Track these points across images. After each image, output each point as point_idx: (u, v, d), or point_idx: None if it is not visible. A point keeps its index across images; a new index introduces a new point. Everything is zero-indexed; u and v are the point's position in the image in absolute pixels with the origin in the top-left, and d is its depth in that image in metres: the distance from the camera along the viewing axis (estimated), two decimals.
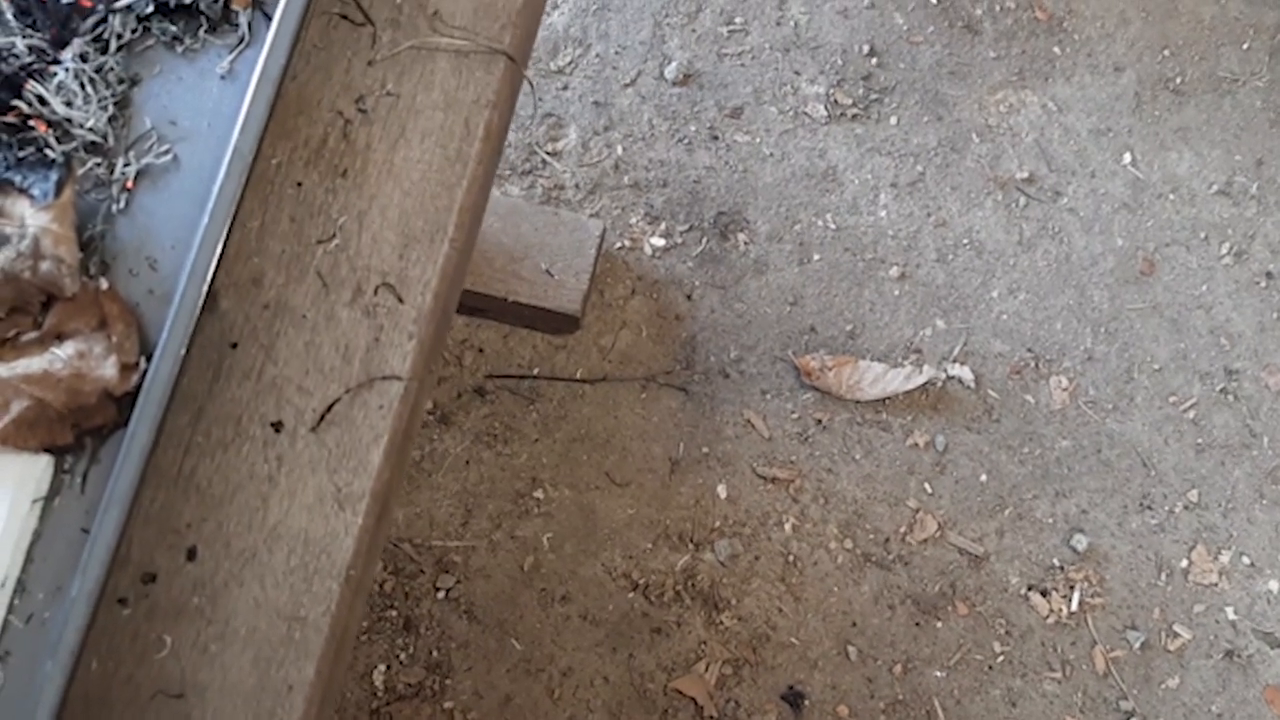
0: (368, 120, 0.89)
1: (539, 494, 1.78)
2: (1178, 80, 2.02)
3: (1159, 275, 1.93)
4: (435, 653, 1.71)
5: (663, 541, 1.77)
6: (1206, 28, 2.05)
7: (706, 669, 1.73)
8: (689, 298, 1.88)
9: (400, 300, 0.86)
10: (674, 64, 1.97)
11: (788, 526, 1.79)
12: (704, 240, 1.90)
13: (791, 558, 1.78)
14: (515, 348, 1.84)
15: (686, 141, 1.94)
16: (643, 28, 1.99)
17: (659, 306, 1.87)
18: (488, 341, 1.83)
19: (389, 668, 1.69)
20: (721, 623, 1.75)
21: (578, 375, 1.83)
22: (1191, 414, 1.87)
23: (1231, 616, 1.80)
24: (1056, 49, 2.02)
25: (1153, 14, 2.05)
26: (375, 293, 0.86)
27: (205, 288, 0.80)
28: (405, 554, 1.73)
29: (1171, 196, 1.97)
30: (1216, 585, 1.81)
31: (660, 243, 1.90)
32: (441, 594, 1.73)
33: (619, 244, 1.89)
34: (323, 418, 0.83)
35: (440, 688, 1.69)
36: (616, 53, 1.98)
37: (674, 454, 1.81)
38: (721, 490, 1.80)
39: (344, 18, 0.90)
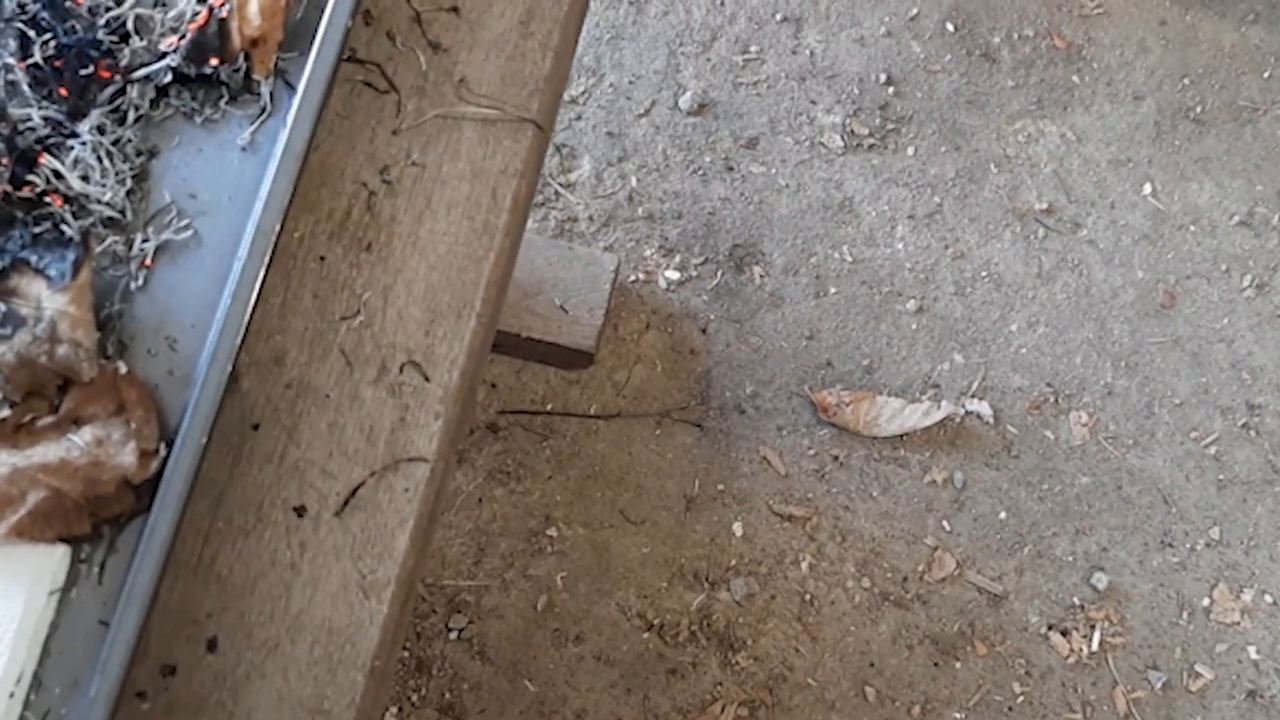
0: (392, 191, 0.86)
1: (552, 532, 1.76)
2: (1198, 109, 2.00)
3: (1180, 308, 1.91)
4: (447, 694, 1.69)
5: (678, 580, 1.75)
6: (1227, 56, 2.02)
7: (722, 710, 1.71)
8: (704, 332, 1.85)
9: (426, 379, 0.83)
10: (689, 94, 1.94)
11: (804, 565, 1.77)
12: (719, 273, 1.88)
13: (808, 597, 1.75)
14: (528, 383, 1.82)
15: (701, 173, 1.91)
16: (657, 57, 1.97)
17: (673, 341, 1.85)
18: (500, 377, 1.81)
19: (400, 710, 1.67)
20: (737, 663, 1.72)
21: (591, 411, 1.81)
22: (1213, 449, 1.85)
23: (1254, 656, 1.77)
24: (1075, 77, 1.99)
25: (1172, 42, 2.02)
26: (400, 371, 0.83)
27: (227, 373, 0.78)
28: (417, 594, 1.71)
29: (1192, 228, 1.94)
30: (1239, 624, 1.78)
31: (675, 276, 1.87)
32: (454, 634, 1.71)
33: (633, 277, 1.86)
34: (347, 502, 0.81)
35: None
36: (630, 82, 1.95)
37: (689, 491, 1.79)
38: (737, 528, 1.78)
39: (368, 85, 0.88)
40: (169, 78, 0.83)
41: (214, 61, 0.83)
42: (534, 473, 1.78)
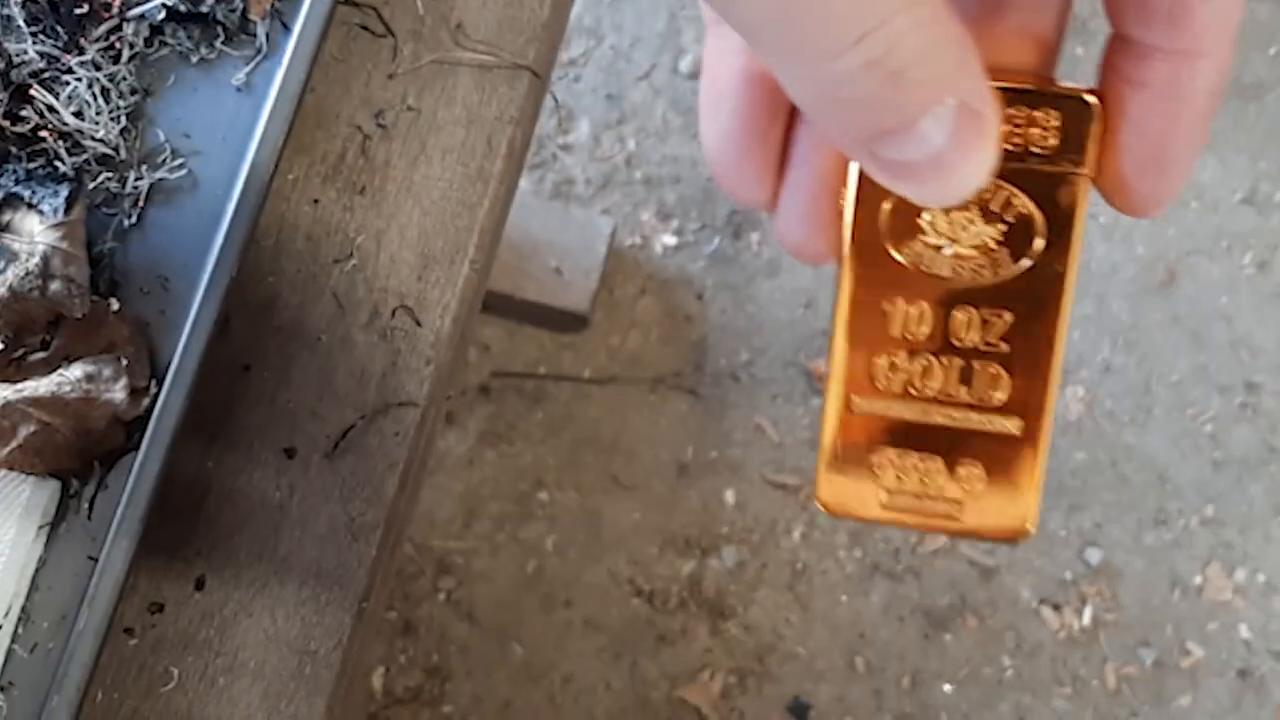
0: (387, 136, 0.85)
1: (543, 496, 1.76)
2: None
3: (1180, 285, 1.90)
4: (435, 656, 1.69)
5: (669, 547, 1.75)
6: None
7: (711, 678, 1.71)
8: (700, 298, 1.85)
9: (418, 324, 0.83)
10: (689, 57, 1.94)
11: (796, 534, 1.77)
12: (716, 239, 1.87)
13: (800, 566, 1.75)
14: (521, 345, 1.81)
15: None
16: (658, 19, 1.96)
17: (669, 306, 1.84)
18: (493, 338, 1.80)
19: (387, 671, 1.67)
20: (727, 631, 1.72)
21: (585, 375, 1.81)
22: (1210, 428, 1.85)
23: (1245, 635, 1.78)
24: (1080, 50, 1.98)
25: None
26: (392, 316, 0.83)
27: (218, 313, 0.77)
28: (405, 554, 1.71)
29: (1194, 204, 1.94)
30: (1231, 603, 1.79)
31: (671, 241, 1.87)
32: (442, 596, 1.71)
33: (629, 241, 1.86)
34: (337, 445, 0.81)
35: (439, 692, 1.67)
36: (630, 44, 1.95)
37: (682, 458, 1.79)
38: (730, 496, 1.78)
39: (364, 28, 0.87)
40: (162, 14, 0.83)
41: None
42: (525, 436, 1.78)
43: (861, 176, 0.43)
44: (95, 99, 0.81)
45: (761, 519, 1.76)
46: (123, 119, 0.82)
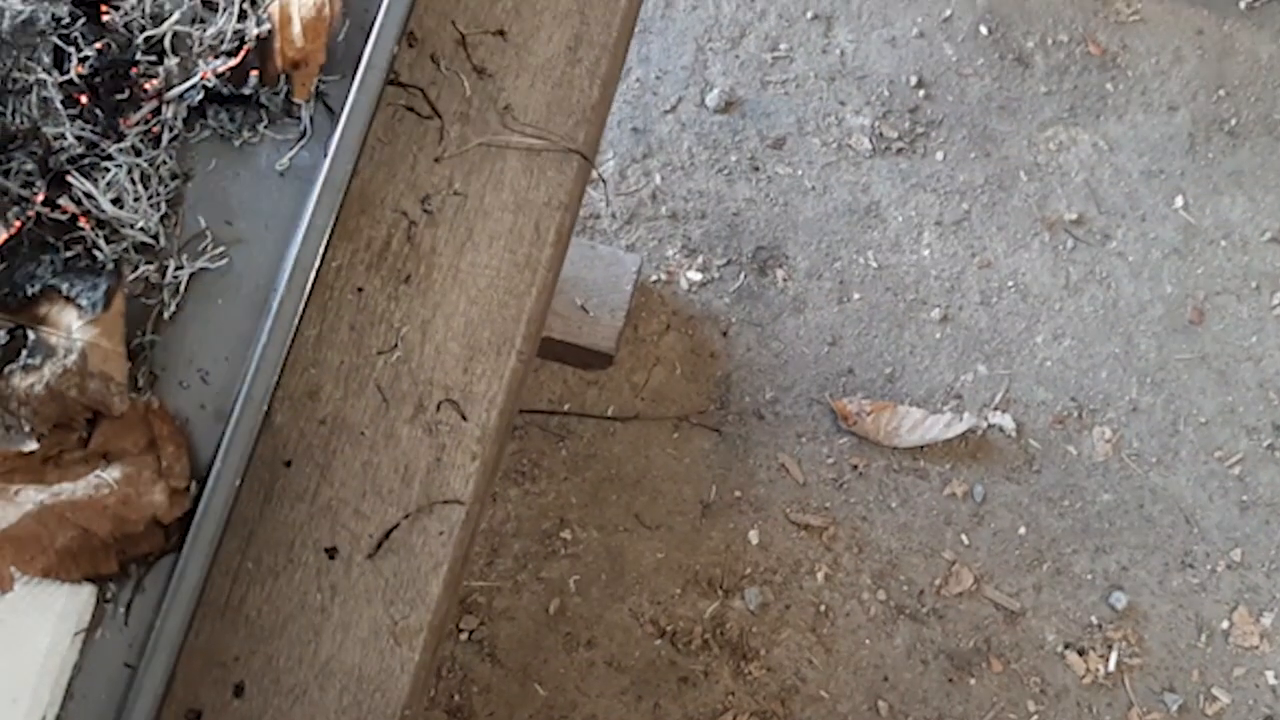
0: (433, 221, 0.83)
1: (566, 534, 1.74)
2: (1233, 122, 1.96)
3: (1208, 325, 1.88)
4: (457, 696, 1.67)
5: (691, 587, 1.73)
6: (1264, 68, 1.99)
7: None
8: (725, 335, 1.83)
9: (464, 418, 0.81)
10: (716, 91, 1.91)
11: (820, 575, 1.75)
12: (742, 275, 1.85)
13: (823, 608, 1.74)
14: (546, 382, 1.79)
15: (727, 172, 1.89)
16: (685, 52, 1.94)
17: (694, 343, 1.82)
18: None
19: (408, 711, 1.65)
20: (750, 673, 1.70)
21: (609, 413, 1.79)
22: (1237, 470, 1.83)
23: (1272, 681, 1.76)
24: (1109, 85, 1.96)
25: (1209, 52, 1.99)
26: (438, 409, 0.81)
27: (262, 414, 0.75)
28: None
29: (1223, 243, 1.91)
30: (1258, 648, 1.77)
31: (697, 277, 1.84)
32: (465, 635, 1.69)
33: (655, 277, 1.84)
34: (380, 544, 0.79)
35: None
36: (657, 77, 1.92)
37: (705, 497, 1.77)
38: (753, 536, 1.76)
39: (410, 110, 0.85)
40: (200, 96, 0.80)
41: (252, 79, 0.80)
42: (549, 473, 1.75)
43: None
44: (134, 185, 0.79)
45: (785, 559, 1.74)
46: (162, 205, 0.80)
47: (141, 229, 0.79)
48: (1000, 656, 1.74)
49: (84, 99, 0.79)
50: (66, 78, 0.79)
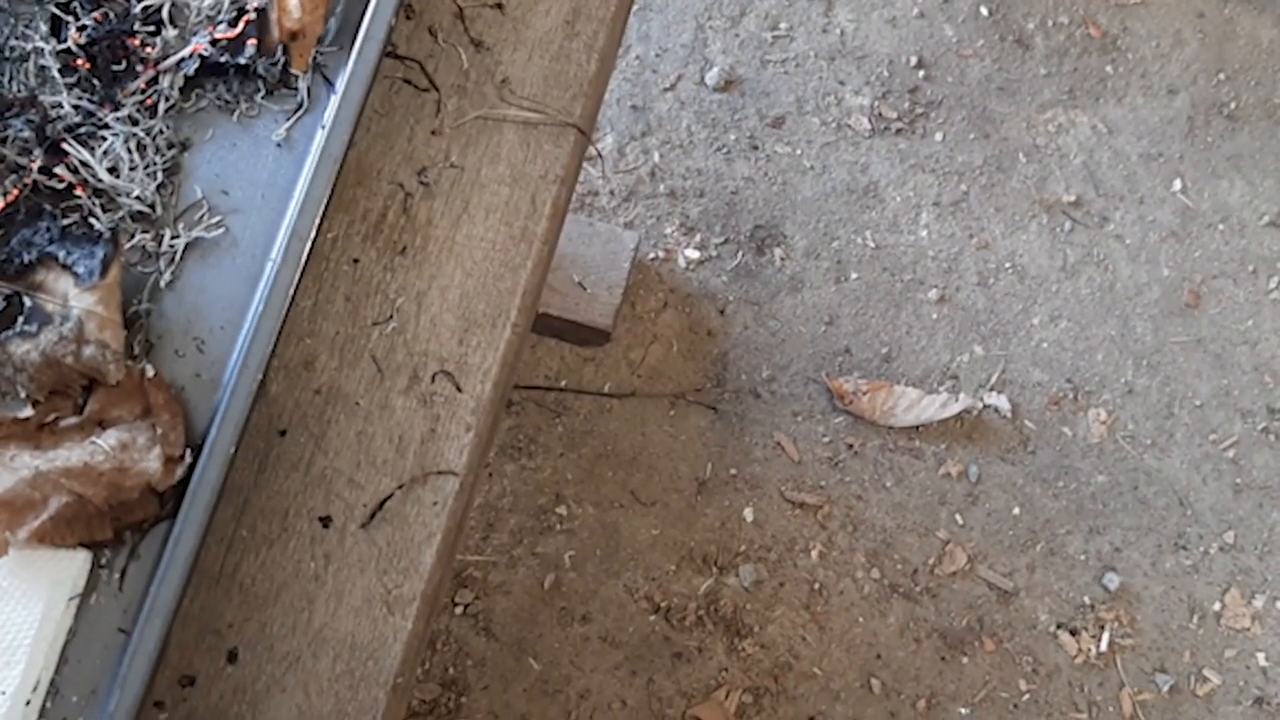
0: (430, 194, 0.84)
1: (562, 510, 1.74)
2: (1232, 105, 1.96)
3: (1204, 308, 1.88)
4: (451, 670, 1.68)
5: (686, 564, 1.74)
6: (1264, 52, 1.99)
7: (726, 696, 1.70)
8: (722, 313, 1.83)
9: (458, 389, 0.81)
10: (715, 69, 1.91)
11: (814, 553, 1.75)
12: (739, 254, 1.85)
13: (817, 586, 1.74)
14: (542, 358, 1.80)
15: (725, 150, 1.89)
16: (684, 30, 1.94)
17: (691, 321, 1.82)
18: None
19: None
20: (743, 650, 1.71)
21: (606, 389, 1.79)
22: (1231, 453, 1.83)
23: (1263, 663, 1.76)
24: (1109, 68, 1.96)
25: (1209, 35, 1.99)
26: (432, 380, 0.81)
27: (257, 383, 0.75)
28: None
29: (1221, 227, 1.92)
30: (1249, 630, 1.77)
31: (695, 255, 1.85)
32: (459, 609, 1.70)
33: (652, 255, 1.84)
34: (374, 514, 0.79)
35: (455, 706, 1.66)
36: (657, 55, 1.92)
37: (701, 474, 1.77)
38: (748, 513, 1.76)
39: (407, 82, 0.85)
40: (197, 66, 0.81)
41: (250, 49, 0.81)
42: (546, 449, 1.76)
43: None
44: (131, 154, 0.79)
45: (780, 537, 1.75)
46: (159, 174, 0.80)
47: (138, 198, 0.79)
48: (993, 636, 1.74)
49: (83, 66, 0.80)
50: (64, 46, 0.80)
